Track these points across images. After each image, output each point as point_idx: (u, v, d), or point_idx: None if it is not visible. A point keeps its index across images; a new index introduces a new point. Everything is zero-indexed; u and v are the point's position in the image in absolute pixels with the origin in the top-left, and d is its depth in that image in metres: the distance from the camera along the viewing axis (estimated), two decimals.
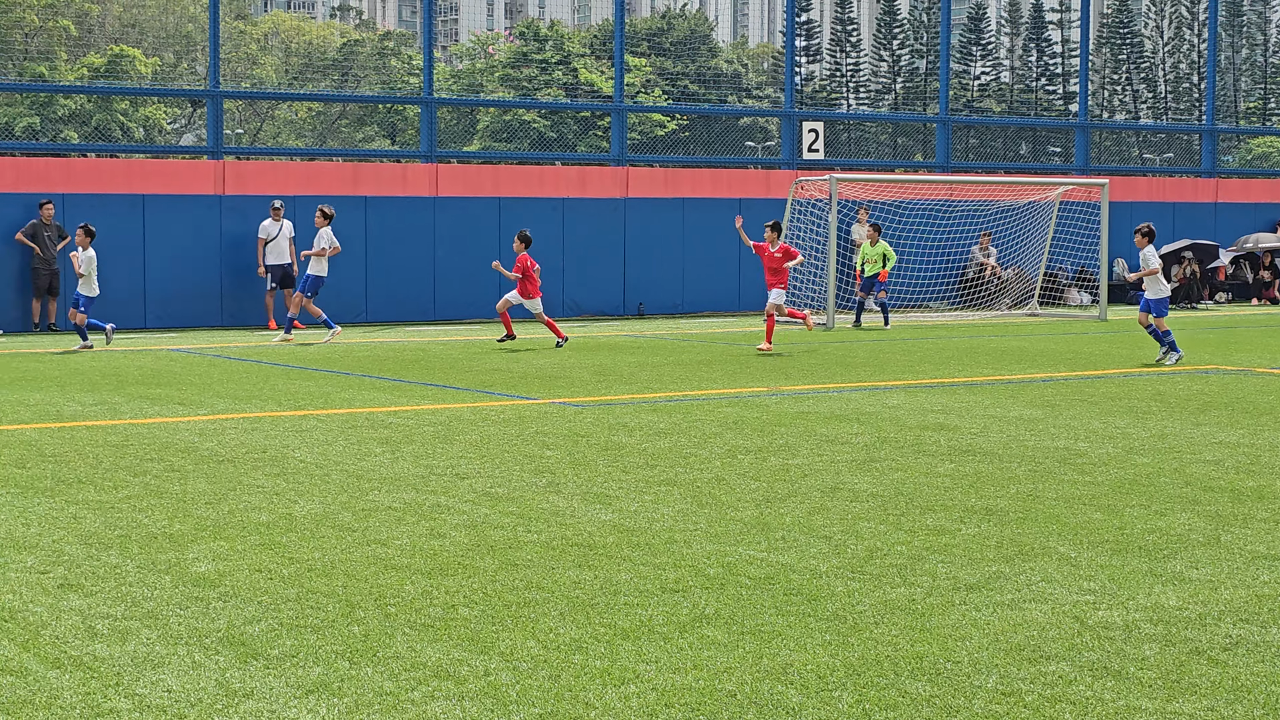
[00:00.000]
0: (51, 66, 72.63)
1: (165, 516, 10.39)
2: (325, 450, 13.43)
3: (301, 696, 6.51)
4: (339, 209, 31.50)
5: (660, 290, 35.30)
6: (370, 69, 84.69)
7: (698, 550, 9.32)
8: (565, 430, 14.74)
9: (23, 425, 15.18)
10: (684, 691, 6.57)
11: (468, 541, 9.56)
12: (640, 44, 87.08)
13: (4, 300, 29.22)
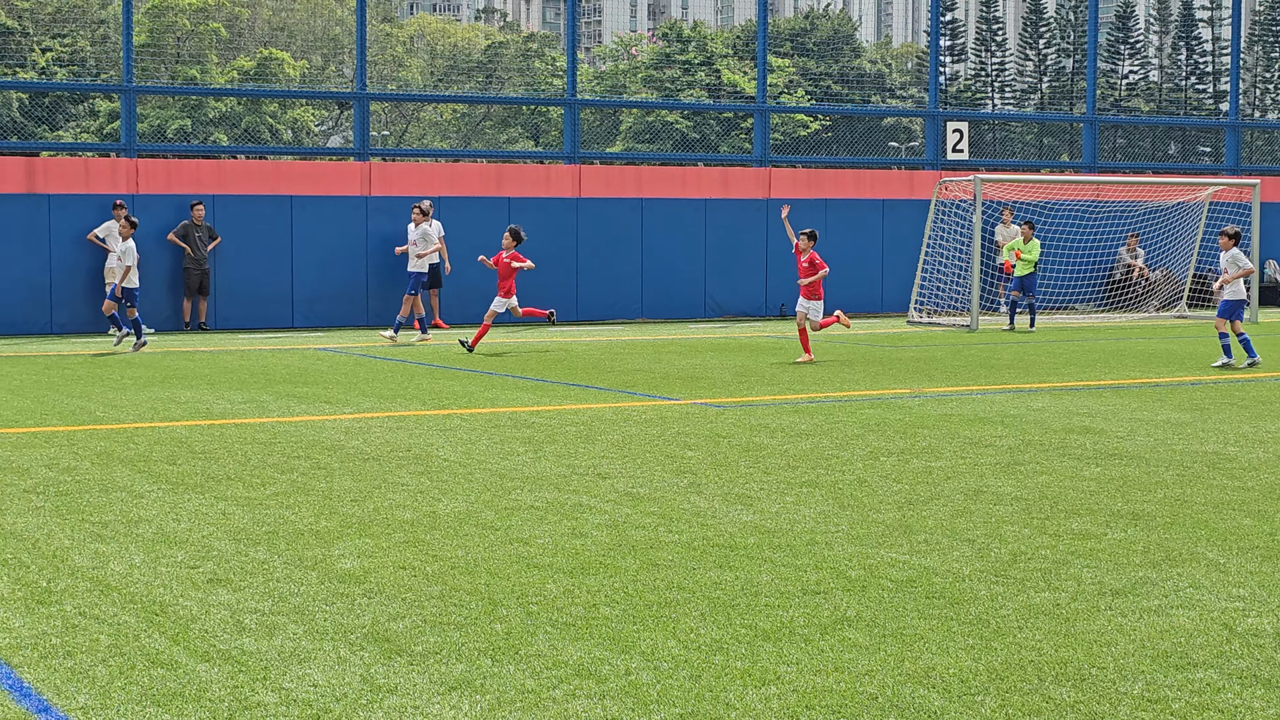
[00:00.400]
0: (202, 70, 73.88)
1: (312, 513, 10.52)
2: (469, 449, 13.53)
3: (444, 693, 6.56)
4: (482, 210, 31.75)
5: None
6: (514, 71, 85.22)
7: (839, 552, 9.29)
8: (707, 431, 14.74)
9: (173, 422, 15.45)
10: (825, 694, 6.55)
11: (609, 541, 9.59)
12: (783, 44, 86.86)
13: (156, 299, 29.74)
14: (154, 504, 10.87)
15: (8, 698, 6.47)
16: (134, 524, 10.13)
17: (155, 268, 29.67)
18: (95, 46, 76.05)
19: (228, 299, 30.24)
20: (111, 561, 9.00)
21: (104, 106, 69.76)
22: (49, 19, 77.09)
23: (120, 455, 13.15)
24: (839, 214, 35.51)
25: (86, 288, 29.10)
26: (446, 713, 6.31)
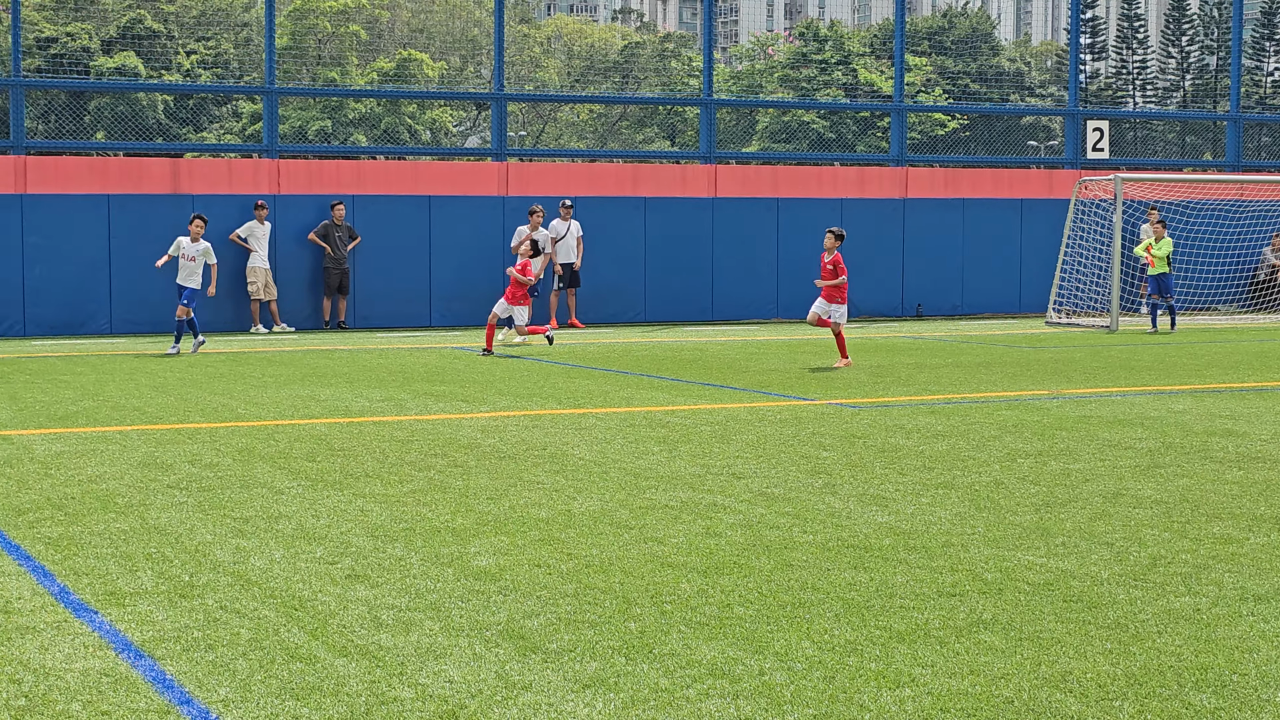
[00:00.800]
0: (343, 72, 74.72)
1: (448, 511, 10.61)
2: (604, 448, 13.57)
3: (578, 691, 6.59)
4: (618, 210, 31.84)
5: (939, 291, 34.95)
6: (651, 71, 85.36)
7: (975, 554, 9.21)
8: (842, 431, 14.68)
9: (313, 420, 15.64)
10: (960, 697, 6.51)
11: (744, 541, 9.59)
12: (921, 43, 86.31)
13: (296, 298, 30.13)
14: (294, 500, 11.01)
15: (151, 690, 6.58)
16: (274, 520, 10.27)
17: (296, 267, 30.06)
18: (238, 49, 77.20)
19: (367, 298, 30.56)
20: (252, 556, 9.13)
21: (247, 108, 70.78)
22: (194, 22, 78.36)
23: (261, 452, 13.34)
24: (976, 214, 35.23)
25: (228, 286, 29.53)
26: (580, 710, 6.34)
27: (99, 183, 29.52)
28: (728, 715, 6.28)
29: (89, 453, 13.27)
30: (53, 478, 11.97)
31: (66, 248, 28.49)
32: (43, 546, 9.40)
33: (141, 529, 9.94)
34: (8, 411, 16.34)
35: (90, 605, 7.98)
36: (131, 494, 11.25)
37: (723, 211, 33.14)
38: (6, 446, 13.67)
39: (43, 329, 28.36)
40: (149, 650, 7.16)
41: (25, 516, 10.37)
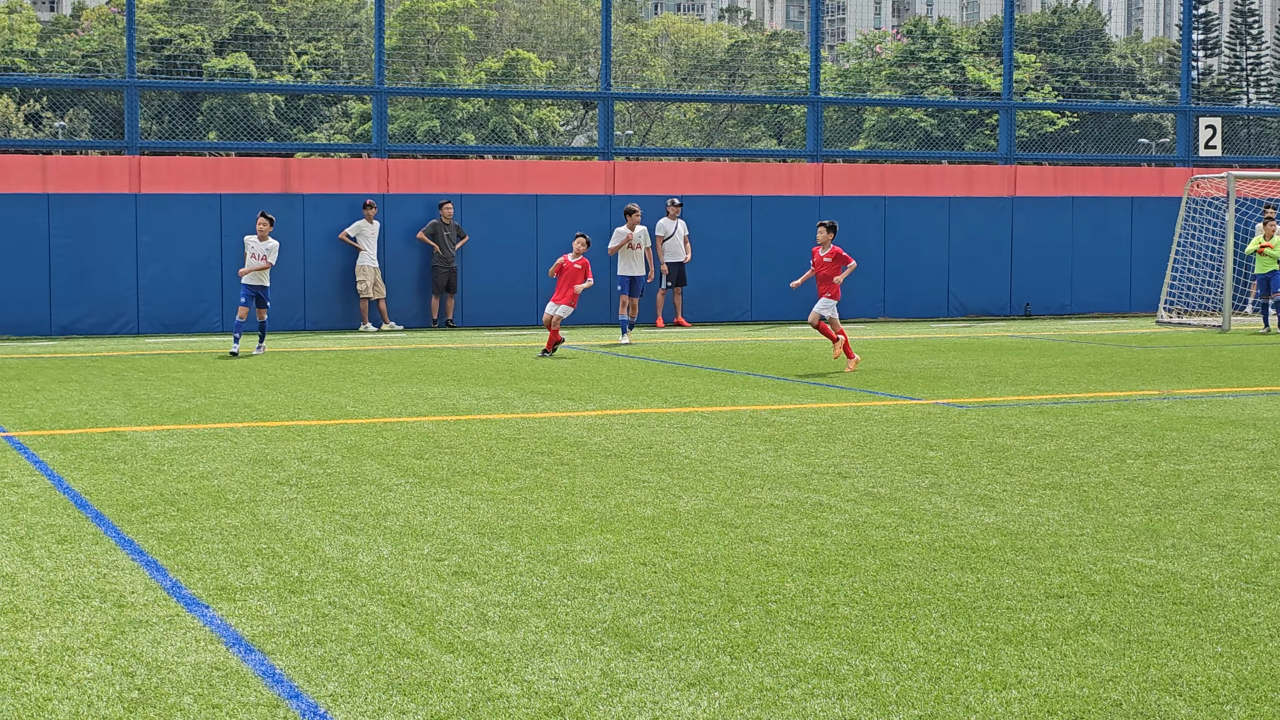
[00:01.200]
0: (451, 71, 75.17)
1: (554, 509, 10.65)
2: (709, 447, 13.58)
3: (683, 689, 6.60)
4: (724, 209, 31.83)
5: (1047, 290, 34.66)
6: (757, 69, 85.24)
7: (1083, 556, 9.13)
8: (949, 431, 14.60)
9: (421, 418, 15.75)
10: (1067, 699, 6.46)
11: (849, 540, 9.56)
12: (1030, 40, 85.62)
13: (405, 297, 30.36)
14: (402, 497, 11.09)
15: (260, 684, 6.66)
16: (382, 516, 10.36)
17: (404, 266, 30.28)
18: (348, 50, 77.85)
19: (474, 296, 30.74)
20: (360, 553, 9.21)
21: (356, 108, 71.36)
22: (304, 23, 79.11)
23: (370, 449, 13.45)
24: (1086, 212, 34.91)
25: (338, 285, 29.81)
26: (685, 709, 6.34)
27: (211, 182, 29.88)
28: (832, 715, 6.27)
29: (201, 449, 13.44)
30: (165, 474, 12.13)
31: (179, 247, 28.86)
32: (156, 541, 9.53)
33: (252, 525, 10.05)
34: (122, 408, 16.58)
35: (202, 600, 8.08)
36: (242, 490, 11.38)
37: (829, 210, 33.02)
38: (121, 443, 13.88)
39: (156, 326, 28.74)
40: (259, 645, 7.24)
41: (139, 512, 10.52)
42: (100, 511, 10.53)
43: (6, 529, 9.90)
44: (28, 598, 8.12)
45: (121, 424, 15.22)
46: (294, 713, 6.28)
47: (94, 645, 7.23)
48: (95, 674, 6.78)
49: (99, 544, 9.46)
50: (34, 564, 8.90)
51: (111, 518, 10.30)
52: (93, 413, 16.17)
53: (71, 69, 71.56)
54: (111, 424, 15.22)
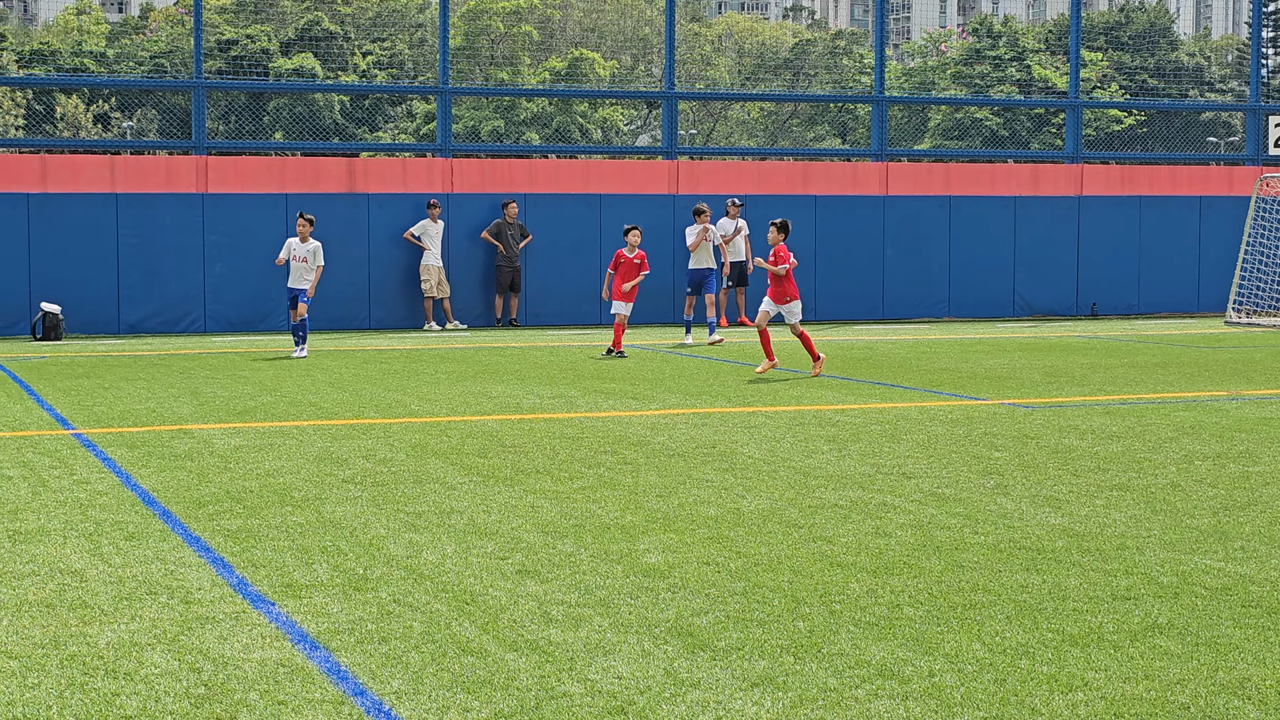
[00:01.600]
0: (515, 71, 75.34)
1: (618, 508, 10.65)
2: (773, 447, 13.56)
3: (746, 689, 6.59)
4: (789, 208, 31.77)
5: (1114, 290, 34.45)
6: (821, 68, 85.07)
7: (1150, 558, 9.07)
8: (1014, 432, 14.53)
9: (485, 416, 15.79)
10: (1134, 702, 6.41)
11: (913, 541, 9.52)
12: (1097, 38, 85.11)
13: (469, 296, 30.45)
14: (465, 496, 11.12)
15: (326, 680, 6.69)
16: (446, 515, 10.39)
17: (469, 265, 30.38)
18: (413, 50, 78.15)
19: (538, 296, 30.80)
20: (425, 551, 9.24)
21: (421, 108, 71.63)
22: (370, 24, 79.46)
23: (434, 448, 13.49)
24: (1154, 211, 34.68)
25: (402, 284, 29.93)
26: (749, 709, 6.33)
27: (277, 182, 30.05)
28: (897, 716, 6.24)
29: (267, 447, 13.52)
30: (232, 471, 12.21)
31: (246, 246, 29.03)
32: (222, 539, 9.59)
33: (317, 522, 10.10)
34: (189, 406, 16.70)
35: (267, 596, 8.13)
36: (308, 488, 11.44)
37: (894, 209, 32.94)
38: (188, 440, 13.97)
39: (222, 325, 28.93)
40: (324, 642, 7.27)
41: (205, 509, 10.59)
42: (167, 509, 10.61)
43: (75, 526, 9.99)
44: (96, 594, 8.18)
45: (188, 422, 15.33)
46: (359, 709, 6.31)
47: (161, 641, 7.28)
48: (162, 670, 6.83)
49: (166, 541, 9.53)
50: (102, 560, 8.97)
51: (179, 515, 10.38)
52: (160, 411, 16.29)
53: (139, 70, 72.13)
54: (179, 422, 15.33)
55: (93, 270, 28.43)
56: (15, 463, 12.65)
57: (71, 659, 6.99)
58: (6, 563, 8.90)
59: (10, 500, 10.92)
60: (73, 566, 8.82)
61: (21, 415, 15.95)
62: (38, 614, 7.77)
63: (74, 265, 28.33)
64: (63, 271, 28.25)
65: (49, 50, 71.77)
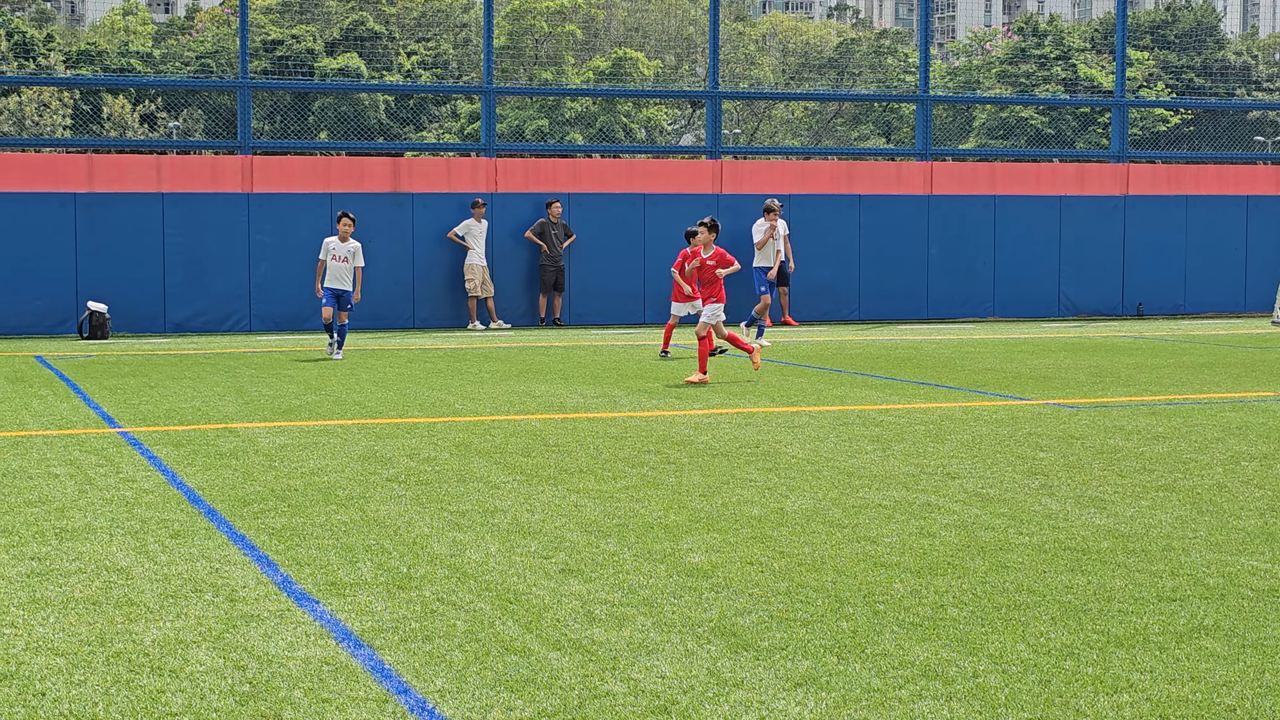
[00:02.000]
0: (559, 71, 75.42)
1: (661, 507, 10.65)
2: (816, 446, 13.53)
3: (790, 689, 6.58)
4: (832, 207, 31.74)
5: (1160, 290, 34.28)
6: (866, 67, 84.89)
7: (1197, 559, 9.02)
8: (1059, 432, 14.47)
9: (528, 415, 15.81)
10: (1179, 704, 6.38)
11: (958, 541, 9.50)
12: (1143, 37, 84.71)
13: (512, 295, 30.50)
14: (509, 495, 11.14)
15: (370, 679, 6.71)
16: (490, 514, 10.40)
17: (512, 265, 30.43)
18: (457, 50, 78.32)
19: (581, 295, 30.82)
20: (468, 550, 9.25)
21: (465, 108, 71.78)
22: (414, 23, 79.66)
23: (477, 447, 13.52)
24: (1200, 211, 34.50)
25: (446, 284, 30.00)
26: (792, 709, 6.33)
27: (322, 182, 30.16)
28: (940, 717, 6.23)
29: (311, 446, 13.57)
30: (276, 470, 12.25)
31: (291, 245, 29.14)
32: (267, 537, 9.63)
33: (361, 521, 10.13)
34: (234, 405, 16.77)
35: (312, 595, 8.15)
36: (352, 487, 11.47)
37: (938, 209, 32.86)
38: (233, 439, 14.03)
39: (267, 324, 29.04)
40: (368, 640, 7.29)
41: (250, 507, 10.63)
42: (213, 507, 10.66)
43: (121, 524, 10.04)
44: (142, 591, 8.23)
45: (233, 420, 15.39)
46: (402, 708, 6.32)
47: (206, 639, 7.31)
48: (207, 667, 6.86)
49: (211, 539, 9.57)
50: (148, 558, 9.02)
51: (224, 513, 10.42)
52: (205, 409, 16.36)
53: (185, 70, 72.49)
54: (224, 420, 15.40)
55: (139, 269, 28.58)
56: (62, 461, 12.73)
57: (117, 656, 7.03)
58: (53, 560, 8.96)
59: (57, 498, 10.99)
60: (119, 564, 8.86)
61: (68, 414, 16.05)
62: (84, 611, 7.82)
63: (120, 264, 28.48)
64: (109, 271, 28.41)
65: (96, 51, 72.17)
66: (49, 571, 8.68)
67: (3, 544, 9.39)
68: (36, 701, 6.39)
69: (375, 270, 28.26)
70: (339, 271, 23.02)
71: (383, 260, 29.24)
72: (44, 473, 12.11)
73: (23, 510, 10.51)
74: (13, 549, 9.25)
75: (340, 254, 23.01)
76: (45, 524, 10.02)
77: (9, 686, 6.59)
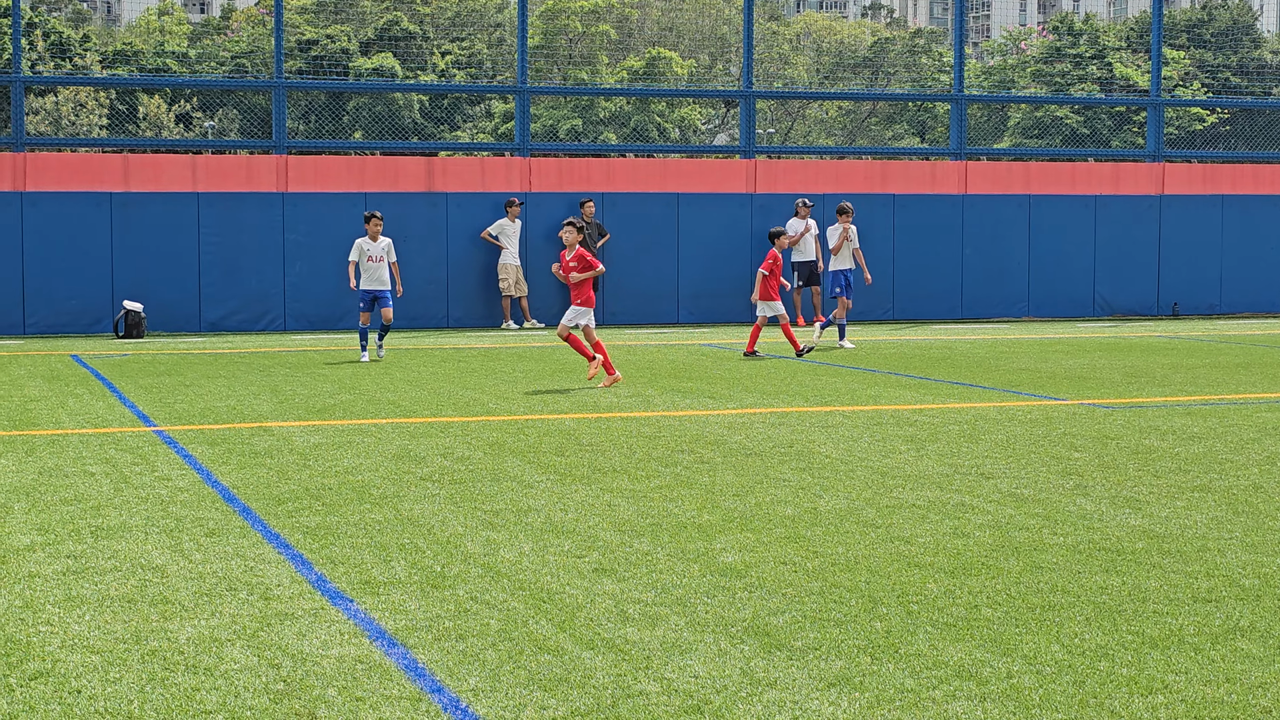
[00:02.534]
0: (593, 70, 75.43)
1: (694, 507, 10.65)
2: (850, 446, 13.52)
3: (823, 689, 6.57)
4: (867, 206, 31.67)
5: (1196, 289, 34.14)
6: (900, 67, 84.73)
7: (1232, 560, 8.98)
8: (1094, 432, 14.42)
9: (562, 415, 15.82)
10: (1215, 705, 6.35)
11: (992, 542, 9.47)
12: (1179, 36, 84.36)
13: (546, 295, 30.50)
14: (543, 494, 11.15)
15: (403, 677, 6.72)
16: (523, 513, 10.42)
17: (546, 264, 30.42)
18: (491, 49, 78.40)
19: (615, 294, 30.82)
20: (502, 549, 9.27)
21: (499, 108, 71.84)
22: (448, 23, 79.77)
23: (511, 446, 13.53)
24: (1236, 210, 34.34)
25: (480, 283, 30.04)
26: (825, 709, 6.32)
27: (356, 181, 30.23)
28: (974, 718, 6.21)
29: (345, 444, 13.60)
30: (311, 469, 12.29)
31: (325, 245, 29.22)
32: (301, 535, 9.66)
33: (395, 520, 10.16)
34: (269, 404, 16.82)
35: (346, 593, 8.17)
36: (386, 485, 11.50)
37: (973, 209, 32.78)
38: (267, 438, 14.07)
39: (302, 324, 29.12)
40: (402, 639, 7.31)
41: (284, 506, 10.67)
42: (247, 505, 10.69)
43: (157, 522, 10.08)
44: (177, 589, 8.26)
45: (268, 419, 15.44)
46: (436, 706, 6.34)
47: (241, 637, 7.34)
48: (242, 665, 6.89)
49: (246, 537, 9.60)
50: (183, 556, 9.05)
51: (258, 511, 10.46)
52: (240, 408, 16.42)
53: (221, 70, 72.72)
54: (258, 419, 15.44)
55: (174, 269, 28.69)
56: (98, 459, 12.78)
57: (152, 654, 7.06)
58: (89, 558, 9.00)
59: (93, 496, 11.03)
60: (154, 562, 8.90)
61: (104, 412, 16.12)
62: (119, 609, 7.85)
63: (156, 264, 28.59)
64: (145, 270, 28.52)
65: (132, 51, 72.46)
66: (85, 569, 8.72)
67: (39, 542, 9.44)
68: (72, 699, 6.42)
69: (410, 270, 28.31)
70: (376, 271, 22.64)
71: (417, 260, 29.30)
72: (80, 471, 12.17)
73: (59, 508, 10.56)
74: (49, 547, 9.30)
75: (375, 254, 22.67)
76: (81, 522, 10.07)
77: (45, 684, 6.62)
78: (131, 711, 6.27)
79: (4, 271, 28.12)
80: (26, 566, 8.80)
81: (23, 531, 9.77)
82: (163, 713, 6.26)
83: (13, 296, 28.17)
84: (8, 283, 28.15)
